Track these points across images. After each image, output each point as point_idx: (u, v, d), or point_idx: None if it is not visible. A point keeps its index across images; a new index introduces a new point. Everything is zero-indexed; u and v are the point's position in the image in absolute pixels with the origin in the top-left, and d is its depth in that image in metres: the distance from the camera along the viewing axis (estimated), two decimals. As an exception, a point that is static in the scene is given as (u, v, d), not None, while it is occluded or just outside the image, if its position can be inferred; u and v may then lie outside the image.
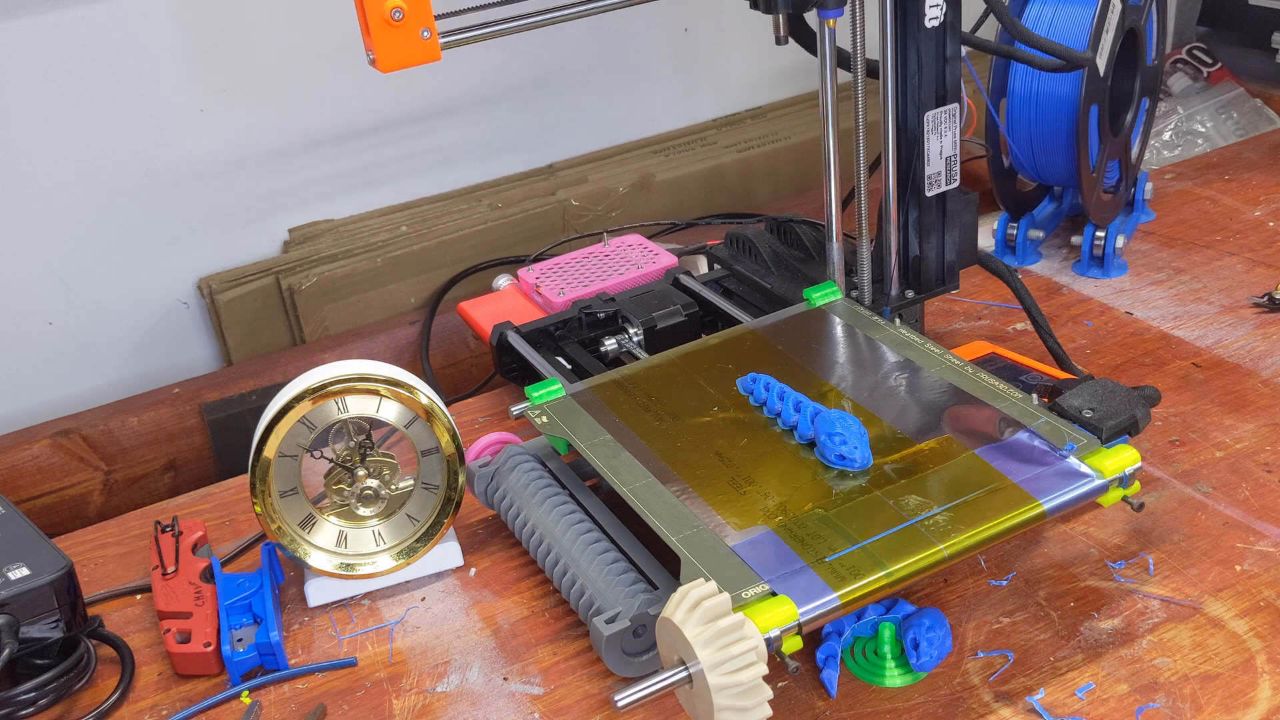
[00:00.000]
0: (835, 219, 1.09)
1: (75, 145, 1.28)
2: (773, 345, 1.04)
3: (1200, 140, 1.68)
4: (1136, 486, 0.85)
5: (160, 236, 1.35)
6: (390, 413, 0.92)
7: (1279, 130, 1.65)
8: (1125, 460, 0.83)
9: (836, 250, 1.10)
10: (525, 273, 1.26)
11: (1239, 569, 0.90)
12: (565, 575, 0.90)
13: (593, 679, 0.86)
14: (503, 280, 1.29)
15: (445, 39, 0.92)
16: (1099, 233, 1.30)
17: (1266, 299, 1.21)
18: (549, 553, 0.92)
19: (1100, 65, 1.20)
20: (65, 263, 1.31)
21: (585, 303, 1.18)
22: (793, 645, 0.74)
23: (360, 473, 0.94)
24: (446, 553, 0.98)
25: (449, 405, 1.11)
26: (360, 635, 0.93)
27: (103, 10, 1.25)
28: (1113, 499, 0.84)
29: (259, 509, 0.91)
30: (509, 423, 1.16)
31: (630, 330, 1.15)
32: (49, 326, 1.33)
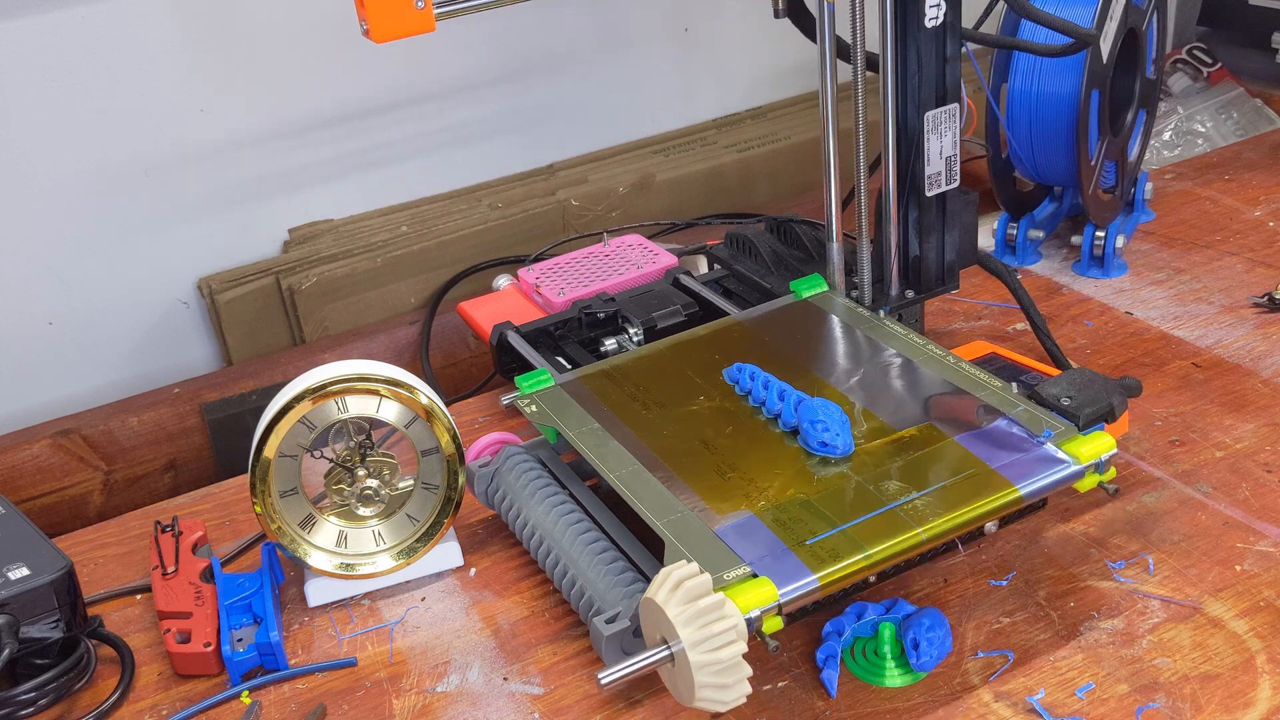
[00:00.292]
0: (835, 219, 1.09)
1: (75, 145, 1.28)
2: (759, 336, 1.05)
3: (1200, 140, 1.68)
4: (1112, 472, 0.85)
5: (160, 236, 1.35)
6: (390, 413, 0.92)
7: (1279, 130, 1.65)
8: (1101, 446, 0.85)
9: (836, 250, 1.10)
10: (525, 273, 1.26)
11: (1239, 569, 0.90)
12: (565, 575, 0.90)
13: (593, 679, 0.86)
14: (503, 280, 1.29)
15: (440, 9, 0.92)
16: (1099, 233, 1.30)
17: (1266, 299, 1.21)
18: (549, 553, 0.92)
19: (1104, 51, 1.20)
20: (65, 263, 1.31)
21: (585, 303, 1.18)
22: (773, 625, 0.75)
23: (360, 473, 0.94)
24: (446, 553, 0.98)
25: (449, 405, 1.11)
26: (360, 635, 0.93)
27: (103, 10, 1.25)
28: (1088, 484, 0.85)
29: (259, 509, 0.91)
30: (509, 423, 1.16)
31: (630, 330, 1.15)
32: (49, 326, 1.33)
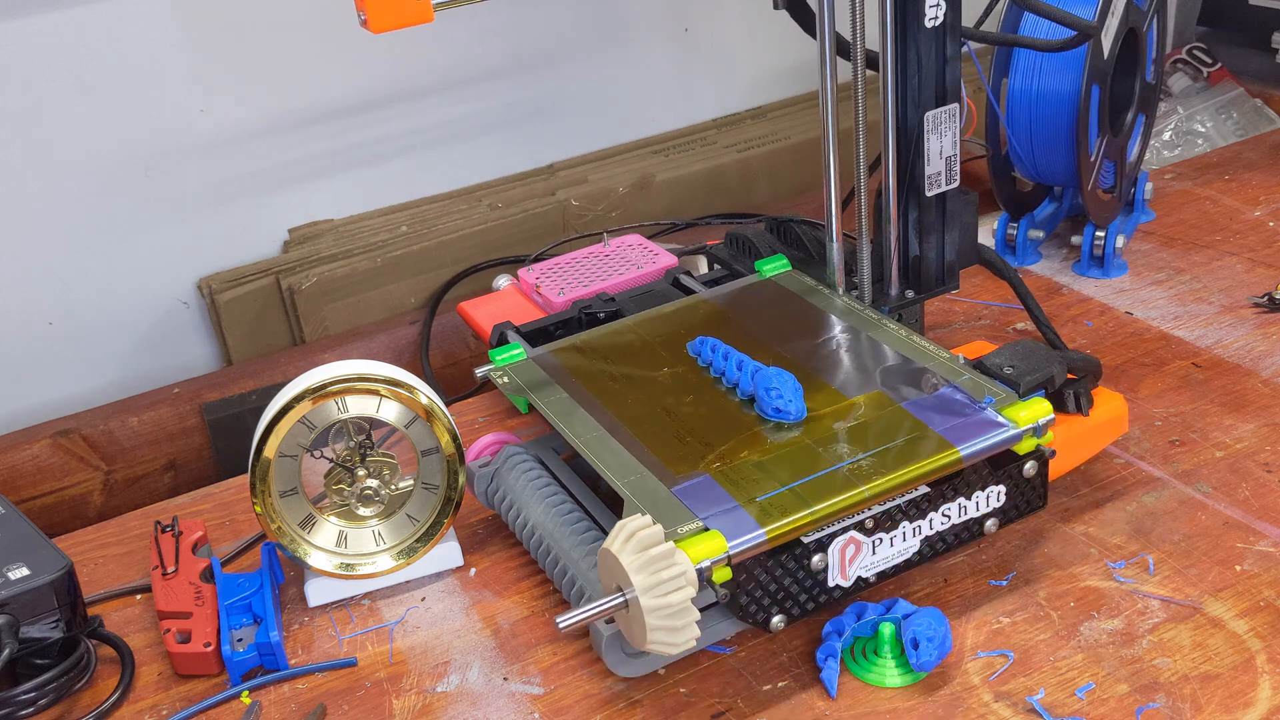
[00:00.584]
0: (835, 219, 1.09)
1: (75, 145, 1.28)
2: (724, 312, 1.09)
3: (1200, 140, 1.68)
4: (1050, 436, 0.88)
5: (160, 236, 1.35)
6: (390, 413, 0.92)
7: (1279, 130, 1.65)
8: (1039, 411, 0.88)
9: (836, 250, 1.10)
10: (525, 273, 1.26)
11: (1239, 569, 0.90)
12: (565, 575, 0.90)
13: (593, 679, 0.86)
14: (503, 280, 1.29)
15: (438, 0, 0.92)
16: (1099, 233, 1.30)
17: (1266, 299, 1.21)
18: (549, 553, 0.92)
19: (1105, 46, 1.20)
20: (65, 263, 1.31)
21: (585, 303, 1.18)
22: (722, 575, 0.79)
23: (360, 473, 0.94)
24: (446, 553, 0.98)
25: (449, 405, 1.11)
26: (360, 635, 0.93)
27: (103, 10, 1.25)
28: (1026, 448, 0.88)
29: (259, 509, 0.91)
30: (509, 422, 1.16)
31: (630, 330, 1.15)
32: (49, 326, 1.33)
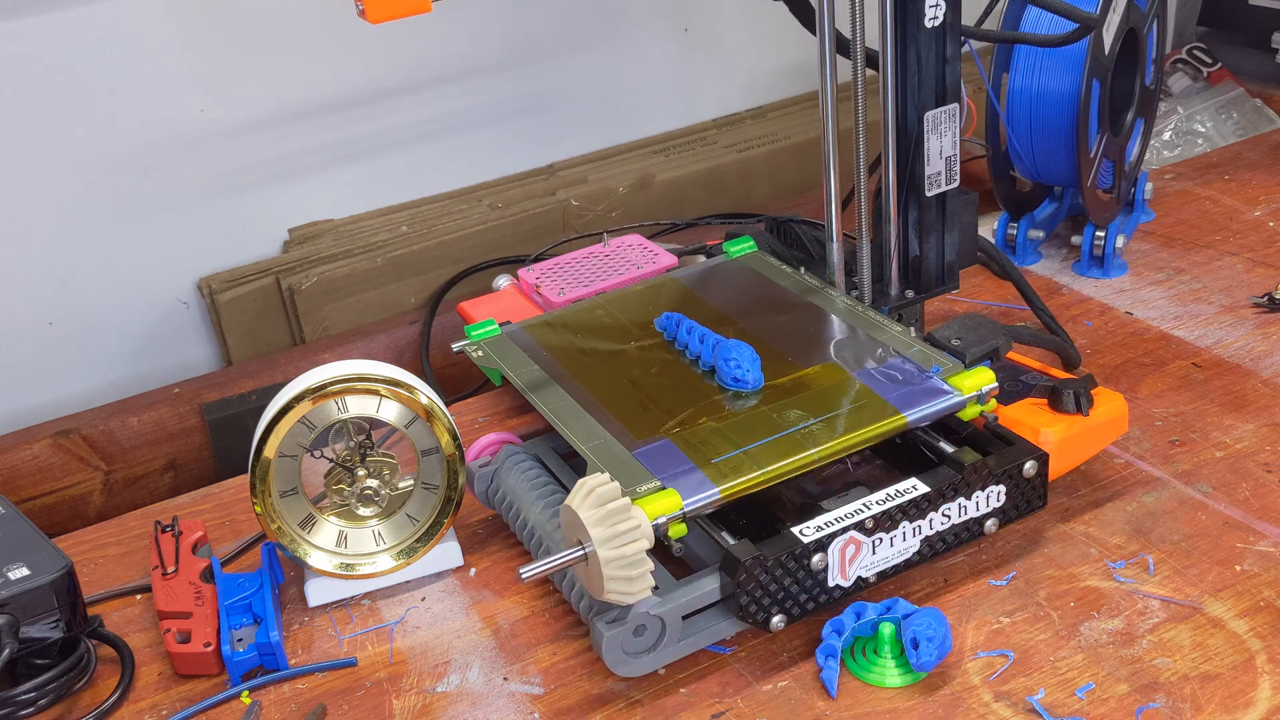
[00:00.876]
0: (835, 219, 1.09)
1: (75, 145, 1.28)
2: (691, 291, 1.15)
3: (1200, 140, 1.68)
4: (992, 404, 0.93)
5: (160, 236, 1.35)
6: (390, 413, 0.92)
7: (1279, 130, 1.65)
8: (982, 380, 0.93)
9: (836, 250, 1.10)
10: (525, 273, 1.26)
11: (1239, 569, 0.90)
12: (565, 575, 0.90)
13: (593, 679, 0.86)
14: (503, 280, 1.29)
15: None
16: (1099, 233, 1.30)
17: (1266, 299, 1.21)
18: (549, 553, 0.92)
19: (1106, 41, 1.20)
20: (65, 262, 1.31)
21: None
22: (678, 531, 0.84)
23: (360, 473, 0.94)
24: (446, 553, 0.98)
25: (449, 405, 1.11)
26: (360, 635, 0.93)
27: (103, 10, 1.25)
28: (970, 414, 0.93)
29: (259, 509, 0.91)
30: (509, 422, 1.16)
31: (630, 330, 1.16)
32: (49, 326, 1.33)
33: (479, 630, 0.92)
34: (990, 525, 0.90)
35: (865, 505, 0.85)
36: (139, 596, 1.00)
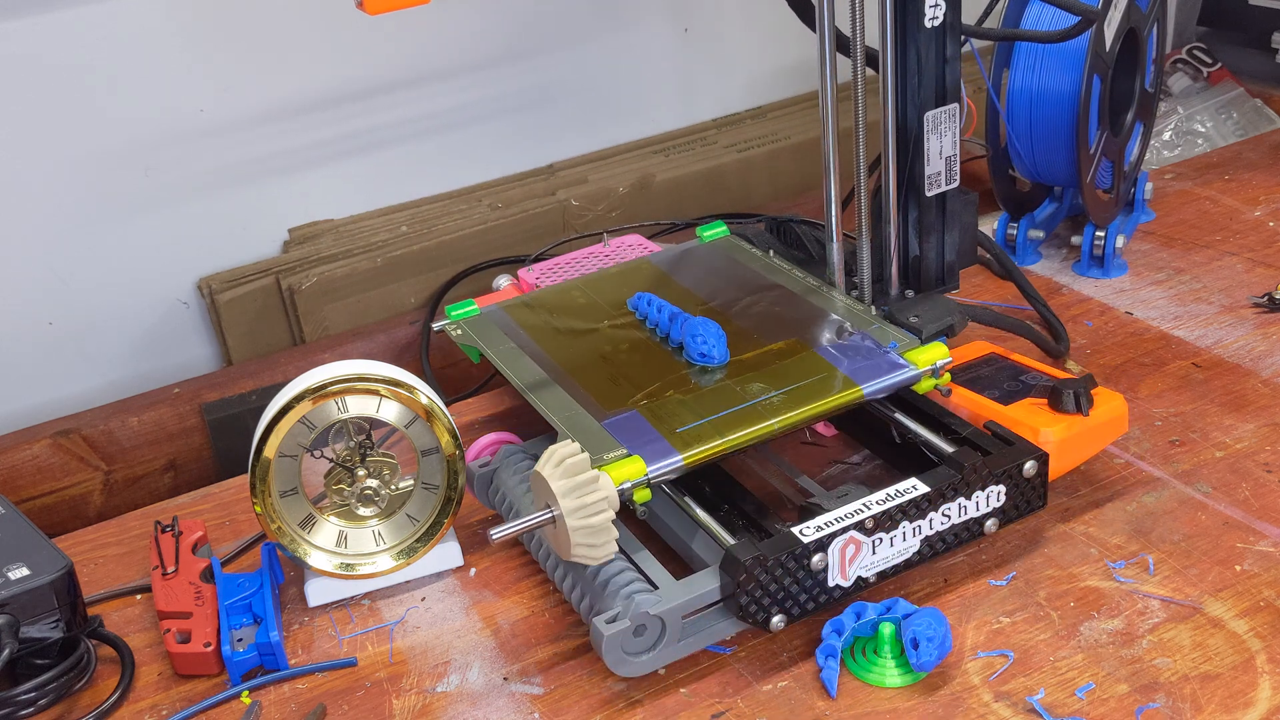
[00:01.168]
0: (835, 219, 1.09)
1: (75, 145, 1.28)
2: (664, 273, 1.18)
3: (1200, 140, 1.68)
4: (946, 378, 0.97)
5: (160, 236, 1.35)
6: (390, 413, 0.92)
7: (1279, 130, 1.65)
8: (936, 354, 0.97)
9: (836, 250, 1.10)
10: (525, 273, 1.26)
11: (1239, 569, 0.90)
12: (565, 575, 0.90)
13: (593, 679, 0.86)
14: (503, 280, 1.29)
15: None
16: (1099, 233, 1.30)
17: (1266, 299, 1.21)
18: (549, 553, 0.92)
19: (1107, 37, 1.20)
20: (65, 262, 1.31)
21: (585, 302, 1.18)
22: (643, 496, 0.87)
23: (360, 473, 0.94)
24: (446, 553, 0.98)
25: (449, 405, 1.11)
26: (360, 635, 0.93)
27: (103, 10, 1.25)
28: (925, 387, 0.97)
29: (259, 509, 0.91)
30: (509, 422, 1.16)
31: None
32: (49, 326, 1.33)
33: (479, 630, 0.92)
34: (990, 525, 0.90)
35: (865, 505, 0.85)
36: (139, 596, 1.00)
